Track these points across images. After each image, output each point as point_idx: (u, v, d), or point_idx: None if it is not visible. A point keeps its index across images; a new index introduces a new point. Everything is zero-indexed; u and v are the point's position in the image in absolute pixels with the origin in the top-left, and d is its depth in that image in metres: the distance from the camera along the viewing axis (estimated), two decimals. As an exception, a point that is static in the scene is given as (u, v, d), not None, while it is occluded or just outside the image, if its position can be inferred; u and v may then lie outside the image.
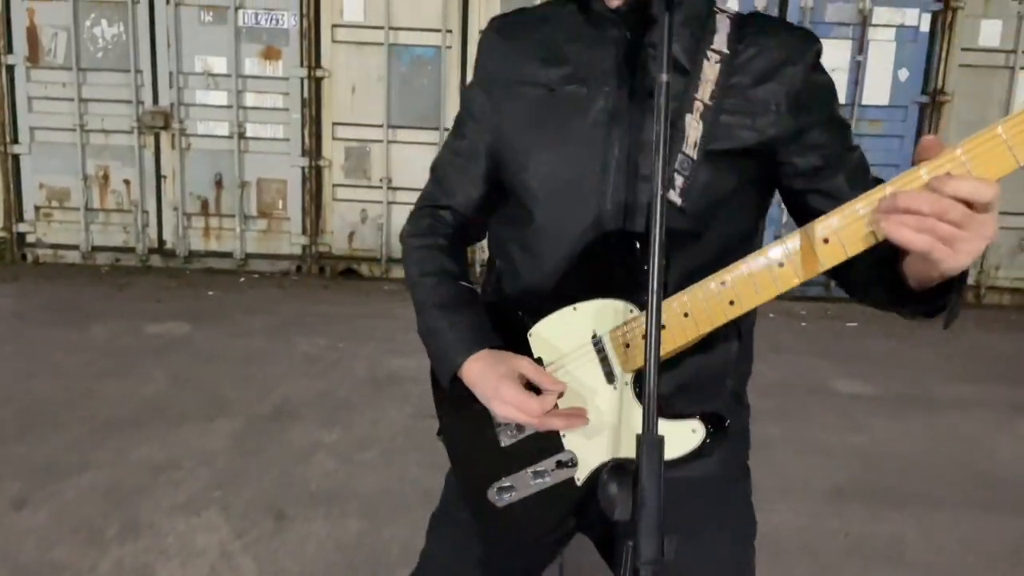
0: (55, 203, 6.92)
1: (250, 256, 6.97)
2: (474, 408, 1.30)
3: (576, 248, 1.27)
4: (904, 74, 6.65)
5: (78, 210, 6.86)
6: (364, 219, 6.90)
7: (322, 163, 6.82)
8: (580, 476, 1.27)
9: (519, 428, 1.30)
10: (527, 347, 1.30)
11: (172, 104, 6.70)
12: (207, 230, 6.96)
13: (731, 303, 1.12)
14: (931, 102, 6.66)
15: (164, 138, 6.79)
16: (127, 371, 4.52)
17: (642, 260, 1.18)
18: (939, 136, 5.83)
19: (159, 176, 6.86)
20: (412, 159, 6.71)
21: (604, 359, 1.23)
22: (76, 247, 6.93)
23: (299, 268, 7.01)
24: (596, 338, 1.23)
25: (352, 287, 6.69)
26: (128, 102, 6.70)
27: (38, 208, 6.94)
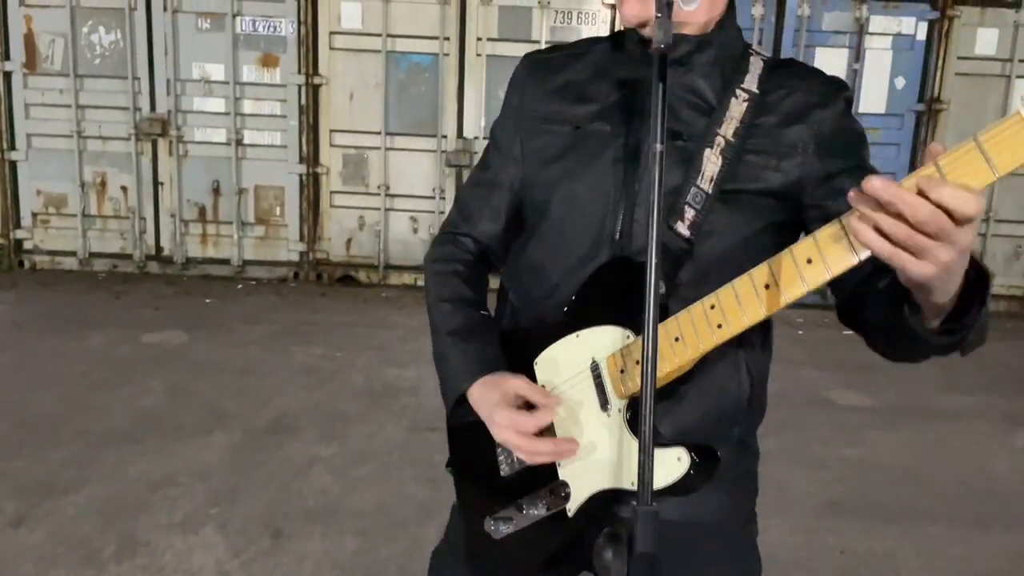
0: (52, 210, 6.92)
1: (247, 263, 6.97)
2: (480, 440, 1.31)
3: (584, 278, 1.29)
4: (901, 82, 6.67)
5: (75, 217, 6.86)
6: (361, 226, 6.90)
7: (320, 170, 6.82)
8: (571, 508, 1.25)
9: (518, 459, 1.30)
10: (533, 376, 1.31)
11: (169, 111, 6.70)
12: (204, 237, 6.96)
13: (719, 326, 1.08)
14: (927, 110, 6.68)
15: (161, 145, 6.79)
16: (124, 382, 4.53)
17: (641, 285, 1.11)
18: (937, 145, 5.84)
19: (156, 183, 6.86)
20: (409, 166, 6.73)
21: (600, 385, 1.23)
22: (73, 253, 6.93)
23: (296, 275, 7.01)
24: (594, 364, 1.23)
25: (349, 294, 6.70)
26: (125, 109, 6.70)
27: (35, 215, 6.94)
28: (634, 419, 1.19)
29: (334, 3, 6.57)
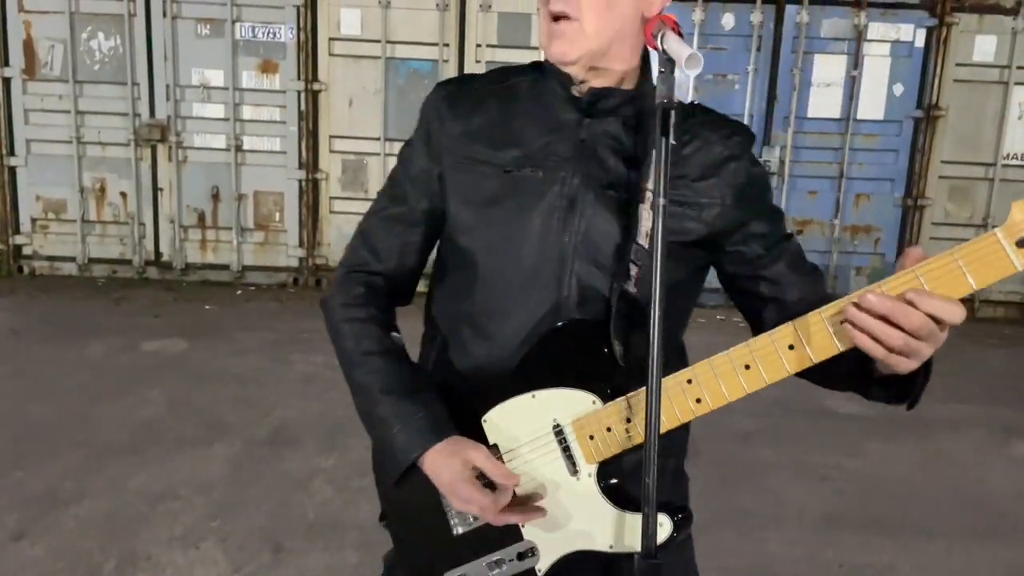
0: (51, 215, 6.92)
1: (247, 268, 6.98)
2: (423, 494, 1.28)
3: (533, 334, 1.27)
4: (899, 89, 6.68)
5: (75, 222, 6.85)
6: (361, 232, 6.90)
7: (319, 176, 6.83)
8: (542, 567, 1.26)
9: (474, 516, 1.28)
10: (480, 432, 1.28)
11: (169, 117, 6.70)
12: (204, 242, 6.97)
13: (698, 400, 1.15)
14: (926, 117, 6.69)
15: (161, 151, 6.79)
16: (124, 392, 4.53)
17: (606, 347, 1.21)
18: (932, 152, 5.76)
19: (156, 188, 6.87)
20: (409, 172, 6.73)
21: (566, 450, 1.23)
22: (72, 259, 6.93)
23: (296, 280, 7.02)
24: (557, 428, 1.23)
25: (349, 300, 6.69)
26: (125, 115, 6.70)
27: (34, 220, 6.93)
28: (606, 482, 1.23)
29: (333, 9, 6.58)
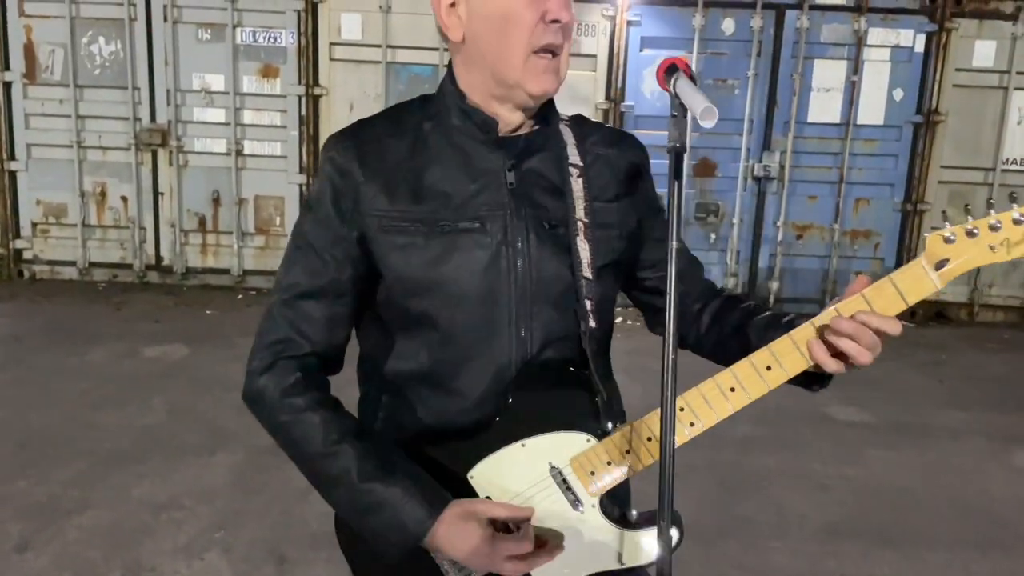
0: (52, 219, 6.93)
1: (247, 272, 6.99)
2: (421, 564, 1.26)
3: (496, 383, 1.26)
4: (899, 94, 6.70)
5: (75, 226, 6.88)
6: (361, 236, 6.91)
7: (319, 180, 6.82)
8: None
9: (464, 568, 1.26)
10: (465, 488, 1.26)
11: (170, 121, 6.71)
12: (204, 247, 6.97)
13: (691, 424, 1.22)
14: (925, 122, 6.71)
15: (161, 155, 6.80)
16: (126, 399, 4.54)
17: (586, 386, 1.26)
18: (931, 157, 5.79)
19: (156, 193, 6.88)
20: (409, 177, 6.73)
21: (568, 488, 1.24)
22: (73, 263, 6.95)
23: (296, 284, 7.01)
24: (555, 470, 1.24)
25: (349, 304, 6.70)
26: (125, 119, 6.72)
27: (35, 224, 6.95)
28: (610, 508, 1.26)
29: (334, 14, 6.58)
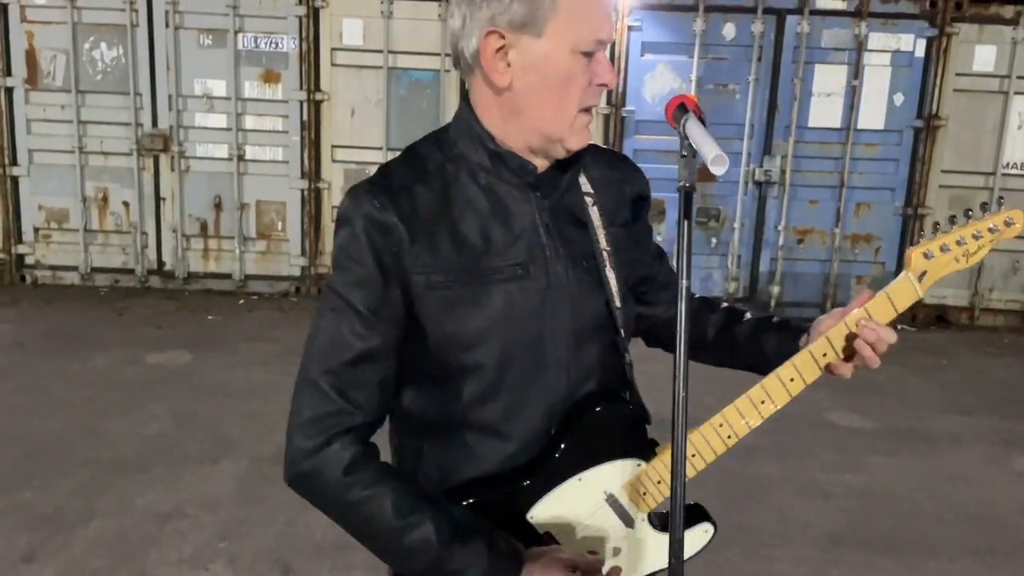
0: (54, 224, 6.94)
1: (249, 277, 7.00)
2: None
3: (551, 421, 1.28)
4: (899, 99, 6.71)
5: (77, 232, 6.88)
6: (363, 241, 6.91)
7: (321, 185, 6.85)
8: None
9: None
10: (526, 529, 1.27)
11: (171, 126, 6.72)
12: (206, 251, 6.98)
13: (728, 436, 1.33)
14: (926, 126, 6.72)
15: (163, 160, 6.81)
16: (129, 407, 4.55)
17: (635, 414, 1.34)
18: (932, 161, 5.85)
19: (158, 198, 6.89)
20: (411, 182, 6.74)
21: (620, 511, 1.31)
22: (75, 268, 6.96)
23: (298, 289, 7.04)
24: (611, 497, 1.30)
25: (351, 309, 6.70)
26: (127, 124, 6.72)
27: (37, 230, 6.96)
28: (652, 520, 1.35)
29: (336, 20, 6.59)
